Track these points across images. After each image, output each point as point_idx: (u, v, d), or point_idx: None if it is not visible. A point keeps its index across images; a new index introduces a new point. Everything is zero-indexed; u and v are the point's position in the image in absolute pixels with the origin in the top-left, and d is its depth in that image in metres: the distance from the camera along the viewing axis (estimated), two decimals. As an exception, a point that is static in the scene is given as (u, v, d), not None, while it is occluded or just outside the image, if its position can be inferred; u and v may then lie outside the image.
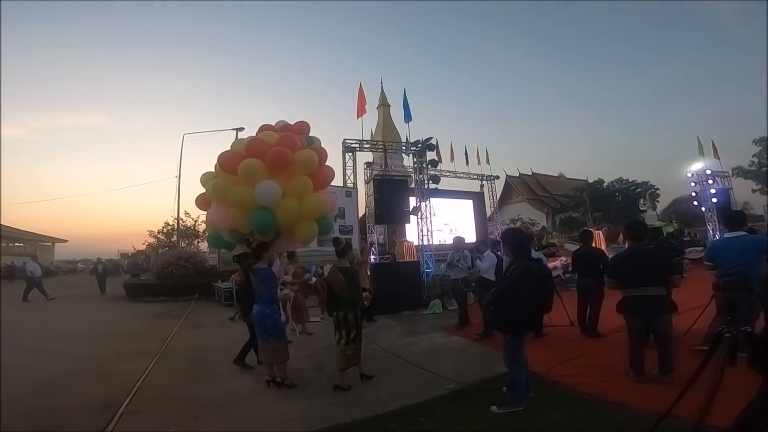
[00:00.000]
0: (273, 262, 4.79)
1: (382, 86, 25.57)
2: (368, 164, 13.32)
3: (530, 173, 39.28)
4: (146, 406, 4.10)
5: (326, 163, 4.99)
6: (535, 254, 6.04)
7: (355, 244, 9.20)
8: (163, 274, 14.47)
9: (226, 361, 5.62)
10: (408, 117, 11.28)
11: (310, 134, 5.18)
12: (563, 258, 11.68)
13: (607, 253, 7.70)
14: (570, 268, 8.58)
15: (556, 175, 42.44)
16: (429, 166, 10.84)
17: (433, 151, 10.75)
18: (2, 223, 31.89)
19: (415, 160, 10.85)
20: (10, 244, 35.21)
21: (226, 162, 4.59)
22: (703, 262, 5.09)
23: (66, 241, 44.08)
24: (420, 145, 10.69)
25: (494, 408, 3.59)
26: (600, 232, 15.97)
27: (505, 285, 3.64)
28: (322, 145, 5.17)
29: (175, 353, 6.31)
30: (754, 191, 30.66)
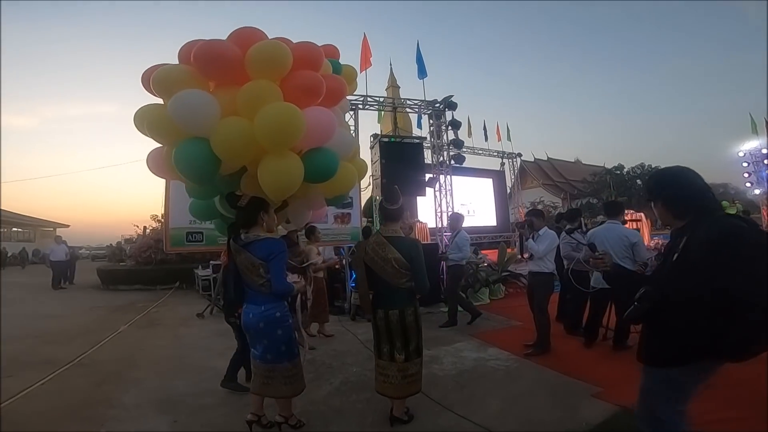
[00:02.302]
0: (274, 227, 2.85)
1: (391, 67, 23.51)
2: (376, 137, 11.35)
3: (545, 158, 37.67)
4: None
5: (330, 73, 2.88)
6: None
7: (356, 222, 7.23)
8: (140, 260, 12.67)
9: (151, 382, 3.85)
10: (422, 72, 9.18)
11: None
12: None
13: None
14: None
15: (573, 160, 41.21)
16: (450, 128, 8.78)
17: (454, 110, 8.68)
18: (2, 208, 30.69)
19: (431, 122, 8.82)
20: (11, 230, 34.04)
21: (146, 79, 2.66)
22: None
23: (68, 226, 42.62)
24: (439, 104, 8.66)
25: None
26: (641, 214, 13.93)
27: (679, 274, 1.59)
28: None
29: (93, 364, 4.50)
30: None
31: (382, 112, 9.72)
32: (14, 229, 35.08)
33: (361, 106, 8.11)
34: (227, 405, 3.26)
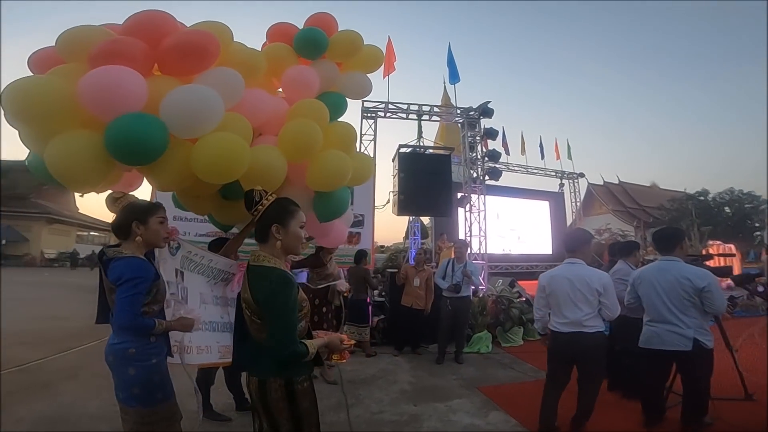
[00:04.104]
0: (158, 242, 2.20)
1: (444, 86, 22.73)
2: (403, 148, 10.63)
3: (617, 181, 34.79)
4: None
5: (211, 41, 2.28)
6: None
7: (366, 243, 6.39)
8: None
9: (69, 397, 3.63)
10: (454, 77, 8.27)
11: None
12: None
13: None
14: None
15: (648, 184, 37.95)
16: (485, 138, 7.79)
17: (490, 117, 7.68)
18: (82, 212, 33.52)
19: (464, 132, 7.88)
20: (89, 233, 36.97)
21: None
22: None
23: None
24: (473, 112, 7.72)
25: None
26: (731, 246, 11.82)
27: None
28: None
29: (36, 372, 4.32)
30: None
31: (421, 123, 8.90)
32: (92, 233, 38.06)
33: (382, 114, 7.37)
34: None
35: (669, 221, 29.43)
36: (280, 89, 3.14)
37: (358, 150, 7.07)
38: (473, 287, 5.55)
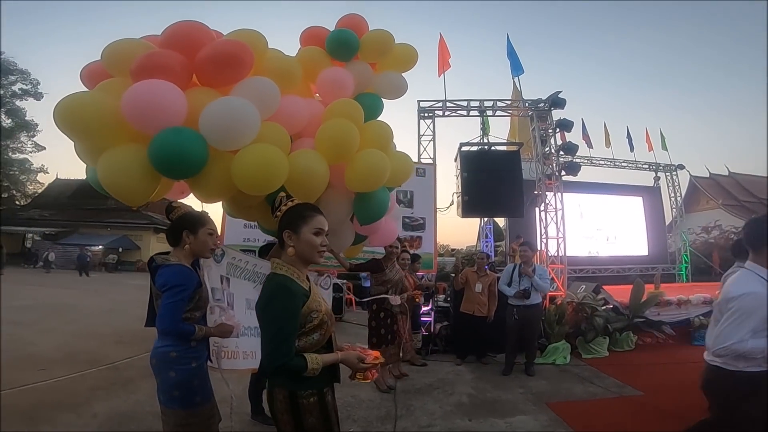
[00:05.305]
0: (204, 253, 2.25)
1: (514, 83, 21.52)
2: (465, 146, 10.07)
3: (726, 173, 31.03)
4: None
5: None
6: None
7: (429, 246, 6.16)
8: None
9: (112, 393, 3.81)
10: (517, 69, 7.68)
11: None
12: None
13: None
14: None
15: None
16: (558, 130, 7.19)
17: (562, 108, 7.06)
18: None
19: (534, 125, 7.34)
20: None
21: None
22: None
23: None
24: (543, 103, 7.17)
25: None
26: None
27: None
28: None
29: (119, 369, 4.59)
30: None
31: (487, 119, 8.44)
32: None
33: (440, 113, 7.11)
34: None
35: (799, 215, 25.28)
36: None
37: (417, 152, 7.01)
38: (542, 293, 5.07)
